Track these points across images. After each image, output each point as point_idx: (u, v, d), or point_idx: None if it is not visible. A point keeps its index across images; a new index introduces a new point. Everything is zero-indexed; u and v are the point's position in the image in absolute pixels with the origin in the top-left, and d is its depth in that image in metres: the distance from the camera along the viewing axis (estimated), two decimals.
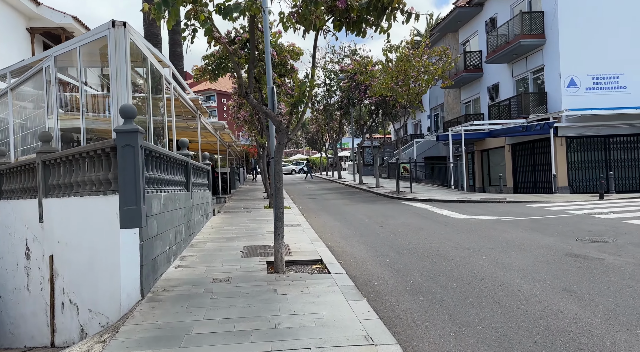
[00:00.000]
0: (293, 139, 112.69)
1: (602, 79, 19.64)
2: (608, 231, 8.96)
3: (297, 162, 69.70)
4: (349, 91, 24.82)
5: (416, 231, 10.14)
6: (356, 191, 23.53)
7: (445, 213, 13.11)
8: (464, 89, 29.55)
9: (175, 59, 20.90)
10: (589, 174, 19.72)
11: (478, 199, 15.99)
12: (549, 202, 14.82)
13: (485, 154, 26.95)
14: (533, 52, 21.42)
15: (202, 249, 8.05)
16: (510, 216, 11.86)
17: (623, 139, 19.86)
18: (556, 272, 6.29)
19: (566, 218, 11.01)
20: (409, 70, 17.77)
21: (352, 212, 14.38)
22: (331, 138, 36.32)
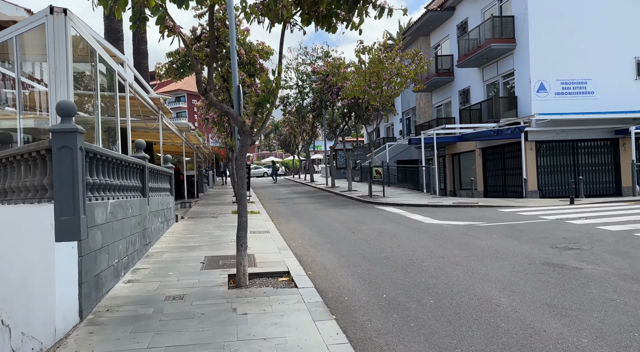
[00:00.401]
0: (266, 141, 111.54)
1: (570, 84, 19.87)
2: (583, 238, 8.79)
3: (269, 164, 68.83)
4: (321, 93, 24.42)
5: (389, 238, 9.75)
6: (328, 194, 23.11)
7: (418, 218, 12.80)
8: (436, 93, 29.61)
9: (139, 57, 20.00)
10: (557, 178, 19.89)
11: (450, 204, 15.80)
12: (521, 206, 14.75)
13: (456, 158, 27.01)
14: (503, 57, 21.53)
15: (158, 261, 7.40)
16: (483, 222, 11.64)
17: (591, 144, 20.14)
18: (535, 283, 5.97)
19: (540, 224, 10.84)
20: (381, 72, 17.48)
21: (323, 217, 13.91)
22: (304, 141, 35.84)
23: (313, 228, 11.72)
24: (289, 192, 26.44)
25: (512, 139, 19.90)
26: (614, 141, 20.05)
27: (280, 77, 6.09)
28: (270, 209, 16.73)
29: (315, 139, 45.55)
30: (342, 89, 19.45)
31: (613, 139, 19.99)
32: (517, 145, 19.79)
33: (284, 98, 32.34)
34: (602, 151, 20.17)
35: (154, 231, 8.75)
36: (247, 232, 6.19)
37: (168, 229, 10.52)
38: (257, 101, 6.01)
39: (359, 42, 16.96)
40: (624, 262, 6.76)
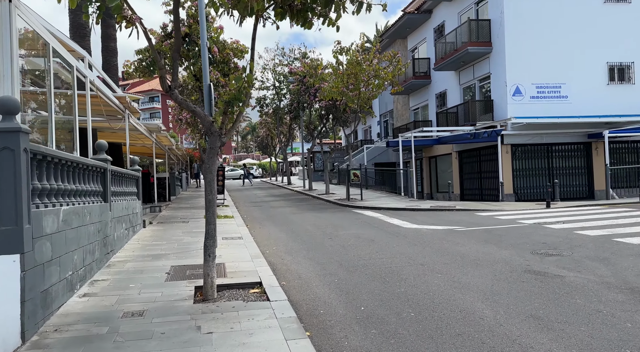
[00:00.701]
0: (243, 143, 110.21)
1: (545, 88, 20.05)
2: (562, 243, 8.66)
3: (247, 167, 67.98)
4: (298, 94, 24.05)
5: (367, 244, 9.43)
6: (305, 197, 22.72)
7: (396, 222, 12.54)
8: (413, 96, 29.63)
9: (108, 55, 19.23)
10: (533, 181, 20.02)
11: (428, 207, 15.64)
12: (498, 210, 14.69)
13: (433, 161, 27.04)
14: (480, 60, 21.61)
15: (119, 271, 6.87)
16: (461, 226, 11.46)
17: (564, 148, 20.37)
18: (518, 293, 5.73)
19: (518, 228, 10.72)
20: (359, 74, 17.24)
21: (300, 222, 13.52)
22: (281, 143, 35.38)
23: (289, 233, 11.32)
24: (266, 195, 25.94)
25: (489, 142, 19.94)
26: (587, 145, 20.32)
27: (252, 75, 5.69)
28: (245, 213, 16.24)
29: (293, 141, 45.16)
30: (319, 90, 19.13)
31: (586, 142, 20.26)
32: (493, 148, 19.84)
33: (261, 99, 31.85)
34: (575, 155, 20.42)
35: (117, 239, 8.20)
36: (215, 241, 5.75)
37: (134, 235, 9.94)
38: (227, 99, 5.59)
39: (336, 43, 16.69)
40: (606, 270, 6.60)
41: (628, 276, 6.22)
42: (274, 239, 10.47)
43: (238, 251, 8.46)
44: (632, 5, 20.07)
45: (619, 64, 20.33)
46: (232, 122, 5.86)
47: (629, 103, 20.16)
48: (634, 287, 5.71)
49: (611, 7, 20.03)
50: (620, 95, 20.27)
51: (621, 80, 20.41)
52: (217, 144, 5.69)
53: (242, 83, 5.60)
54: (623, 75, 20.45)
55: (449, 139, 21.35)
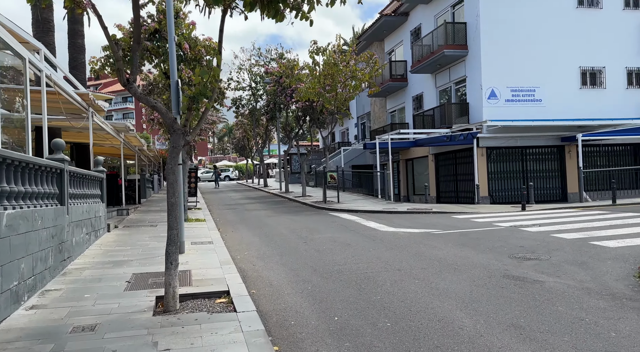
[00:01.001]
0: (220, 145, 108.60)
1: (520, 92, 20.22)
2: (539, 247, 8.54)
3: (223, 168, 67.06)
4: (274, 95, 23.65)
5: (343, 248, 9.13)
6: (282, 200, 22.32)
7: (373, 225, 12.30)
8: (390, 98, 29.60)
9: (75, 52, 18.40)
10: (508, 184, 20.14)
11: (405, 210, 15.47)
12: (474, 213, 14.62)
13: (410, 163, 27.02)
14: (456, 63, 21.67)
15: (75, 280, 6.37)
16: (438, 229, 11.29)
17: (538, 151, 20.57)
18: (498, 300, 5.51)
19: (495, 231, 10.60)
20: (336, 75, 16.98)
21: (274, 225, 13.14)
22: (257, 144, 34.86)
23: (262, 237, 10.92)
24: (241, 197, 25.41)
25: (464, 145, 19.97)
26: (560, 148, 20.58)
27: (219, 69, 5.32)
28: (218, 216, 15.74)
29: (270, 142, 44.66)
30: (295, 91, 18.80)
31: (559, 146, 20.52)
32: (469, 151, 19.88)
33: (237, 100, 31.32)
34: (549, 158, 20.65)
35: (76, 244, 7.66)
36: (177, 248, 5.34)
37: (97, 240, 9.38)
38: (191, 95, 5.19)
39: (312, 43, 16.40)
40: (585, 274, 6.46)
41: (608, 281, 6.09)
42: (246, 244, 10.06)
43: (207, 256, 8.03)
44: (604, 11, 20.46)
45: (591, 68, 20.69)
46: (197, 119, 5.46)
47: (600, 107, 20.52)
48: (614, 293, 5.57)
49: (583, 12, 20.37)
50: (592, 99, 20.62)
51: (593, 84, 20.77)
52: (181, 142, 5.28)
53: (208, 77, 5.21)
54: (595, 79, 20.82)
55: (426, 142, 21.32)
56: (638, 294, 5.51)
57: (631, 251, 7.75)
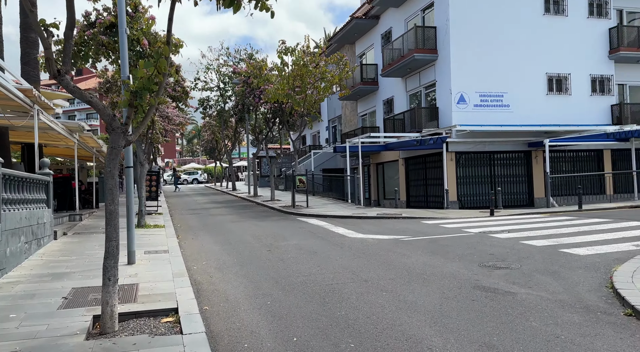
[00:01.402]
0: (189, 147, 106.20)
1: (488, 97, 20.32)
2: (509, 254, 8.32)
3: (191, 171, 65.63)
4: (243, 96, 23.02)
5: (309, 256, 8.67)
6: (249, 204, 21.68)
7: (341, 232, 11.89)
8: (361, 102, 29.43)
9: (28, 47, 17.27)
10: (476, 189, 20.18)
11: (374, 215, 15.16)
12: (443, 218, 14.44)
13: (380, 167, 26.87)
14: (426, 67, 21.63)
15: (4, 296, 5.66)
16: (407, 235, 10.98)
17: (506, 156, 20.71)
18: (469, 314, 5.16)
19: (464, 238, 10.37)
20: (305, 76, 16.56)
21: (239, 231, 12.55)
22: (226, 147, 34.04)
23: (225, 245, 10.34)
24: (207, 201, 24.60)
25: (434, 149, 19.89)
26: (528, 153, 20.79)
27: (165, 61, 4.78)
28: (179, 221, 15.01)
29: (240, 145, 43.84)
30: (264, 92, 18.27)
31: (527, 151, 20.72)
32: (439, 155, 19.83)
33: (204, 100, 30.49)
34: (516, 163, 20.83)
35: (12, 255, 6.91)
36: (117, 261, 4.76)
37: (39, 249, 8.59)
38: (133, 89, 4.63)
39: (281, 43, 15.92)
40: (558, 285, 6.22)
41: (581, 292, 5.85)
42: (206, 252, 9.46)
43: (160, 267, 7.41)
44: (569, 18, 20.83)
45: (557, 75, 21.01)
46: (141, 117, 4.89)
47: (566, 113, 20.86)
48: (588, 306, 5.31)
49: (550, 19, 20.68)
50: (558, 105, 20.94)
51: (559, 90, 21.10)
52: (121, 142, 4.70)
53: (153, 70, 4.67)
54: (561, 86, 21.15)
55: (396, 146, 21.15)
56: (612, 307, 5.27)
57: (601, 259, 7.60)
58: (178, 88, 16.58)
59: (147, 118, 4.98)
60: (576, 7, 20.94)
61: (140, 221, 12.41)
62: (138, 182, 12.81)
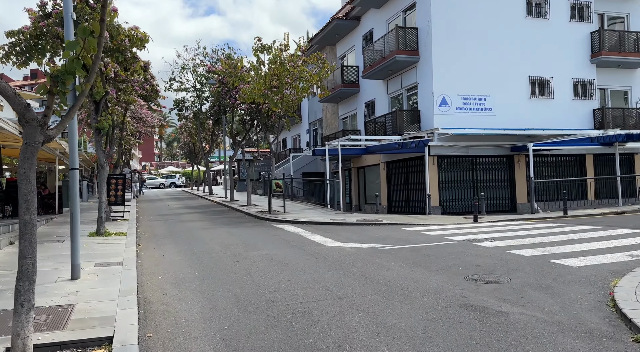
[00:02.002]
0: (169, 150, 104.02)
1: (470, 100, 19.87)
2: (497, 266, 7.67)
3: (169, 175, 64.08)
4: (219, 97, 22.13)
5: (279, 269, 7.88)
6: (224, 209, 20.74)
7: (318, 240, 11.12)
8: (342, 105, 28.79)
9: None
10: (458, 194, 19.68)
11: (354, 221, 14.43)
12: (425, 224, 13.81)
13: (361, 172, 26.24)
14: (407, 69, 21.11)
15: None
16: (388, 243, 10.28)
17: (488, 160, 20.28)
18: (456, 341, 4.44)
19: (448, 247, 9.71)
20: (282, 75, 15.81)
21: (207, 239, 11.67)
22: (202, 150, 32.98)
23: (188, 255, 9.46)
24: (180, 206, 23.55)
25: (416, 153, 19.34)
26: (510, 158, 20.41)
27: (95, 39, 3.96)
28: (145, 229, 14.03)
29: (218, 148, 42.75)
30: (239, 92, 17.44)
31: (509, 155, 20.34)
32: (420, 159, 19.28)
33: (180, 101, 29.44)
34: (499, 167, 20.42)
35: None
36: (33, 283, 3.90)
37: None
38: (54, 73, 3.79)
39: (256, 40, 15.13)
40: (553, 303, 5.56)
41: (580, 312, 5.20)
42: (166, 264, 8.58)
43: (107, 283, 6.52)
44: (552, 21, 20.58)
45: (540, 78, 20.72)
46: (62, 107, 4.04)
47: (548, 117, 20.56)
48: (591, 330, 4.65)
49: (532, 22, 20.39)
50: (541, 109, 20.64)
51: (542, 94, 20.80)
52: (38, 138, 3.85)
53: (80, 50, 3.84)
54: (543, 89, 20.86)
55: (377, 149, 20.53)
56: (618, 330, 4.62)
57: (596, 271, 7.00)
58: (147, 86, 15.66)
59: (74, 110, 4.13)
60: (558, 11, 20.70)
61: (99, 229, 11.43)
62: (99, 186, 11.83)
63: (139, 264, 8.30)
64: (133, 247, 9.71)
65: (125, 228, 12.89)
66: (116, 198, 15.87)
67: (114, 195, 15.84)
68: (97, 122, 11.56)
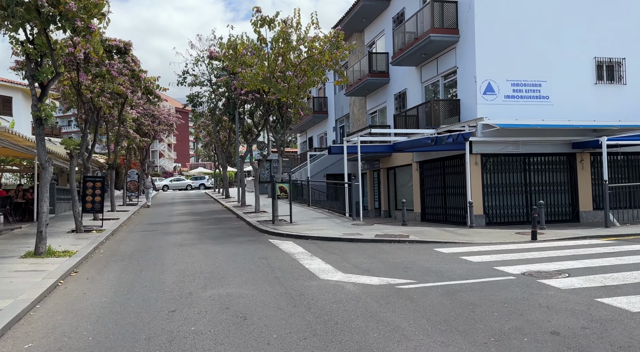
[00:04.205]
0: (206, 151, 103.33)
1: (522, 86, 16.32)
2: (590, 336, 4.42)
3: (198, 176, 62.58)
4: (228, 89, 19.54)
5: (226, 330, 4.96)
6: (227, 217, 18.06)
7: (315, 267, 8.14)
8: (370, 98, 25.64)
9: None
10: (507, 200, 16.22)
11: (372, 237, 11.33)
12: (466, 243, 10.54)
13: (391, 173, 23.04)
14: (445, 52, 17.77)
15: None
16: (410, 278, 7.16)
17: (544, 159, 16.67)
18: None
19: (500, 288, 6.49)
20: (287, 54, 12.95)
21: (170, 263, 8.91)
22: (224, 149, 30.62)
23: (120, 294, 6.68)
24: (183, 212, 21.06)
25: (454, 150, 16.01)
26: (571, 156, 16.70)
27: None
28: (111, 244, 11.45)
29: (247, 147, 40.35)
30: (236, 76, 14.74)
31: (570, 153, 16.64)
32: (460, 158, 15.95)
33: (194, 96, 27.12)
34: (557, 168, 16.76)
35: None
36: None
37: None
38: None
39: (255, 11, 12.24)
40: None
41: None
42: (67, 315, 5.82)
43: None
44: None
45: (608, 60, 16.89)
46: None
47: (618, 107, 16.71)
48: None
49: None
50: (609, 97, 16.83)
51: (610, 79, 16.97)
52: None
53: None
54: (612, 73, 17.00)
55: (406, 146, 17.26)
56: None
57: None
58: (126, 71, 13.19)
59: None
60: None
61: (38, 248, 8.90)
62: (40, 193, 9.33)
63: (30, 314, 5.61)
64: (54, 279, 7.03)
65: (83, 244, 10.36)
66: (93, 205, 13.50)
67: (90, 201, 13.47)
68: (38, 110, 9.06)
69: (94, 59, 12.12)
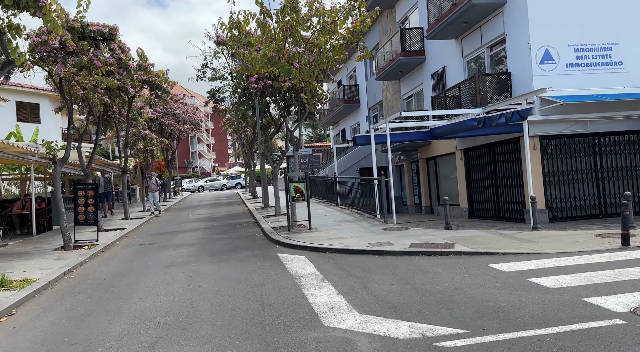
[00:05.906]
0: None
1: (589, 51, 13.33)
2: None
3: (235, 175, 61.57)
4: (241, 79, 17.55)
5: None
6: (243, 223, 16.04)
7: (320, 303, 5.88)
8: (404, 81, 22.99)
9: None
10: (574, 190, 13.36)
11: (405, 248, 8.91)
12: (532, 254, 7.95)
13: (432, 164, 20.39)
14: (490, 18, 14.96)
15: None
16: (456, 325, 4.78)
17: (618, 139, 13.63)
18: None
19: (604, 342, 3.99)
20: (296, 27, 10.74)
21: (142, 294, 6.94)
22: (242, 146, 28.88)
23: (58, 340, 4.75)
24: (201, 217, 19.25)
25: (507, 133, 13.26)
26: None
27: None
28: (91, 266, 9.63)
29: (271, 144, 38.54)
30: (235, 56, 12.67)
31: None
32: (514, 143, 13.24)
33: (215, 91, 25.36)
34: (636, 149, 13.67)
35: None
36: None
37: None
38: None
39: None
40: None
41: None
42: None
43: None
44: None
45: None
46: None
47: None
48: None
49: None
50: None
51: None
52: None
53: None
54: None
55: (447, 131, 14.58)
56: None
57: None
58: (111, 60, 11.41)
59: None
60: None
61: None
62: None
63: None
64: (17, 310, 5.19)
65: (55, 268, 8.61)
66: (87, 216, 11.87)
67: (83, 212, 11.85)
68: None
69: (70, 46, 10.38)
